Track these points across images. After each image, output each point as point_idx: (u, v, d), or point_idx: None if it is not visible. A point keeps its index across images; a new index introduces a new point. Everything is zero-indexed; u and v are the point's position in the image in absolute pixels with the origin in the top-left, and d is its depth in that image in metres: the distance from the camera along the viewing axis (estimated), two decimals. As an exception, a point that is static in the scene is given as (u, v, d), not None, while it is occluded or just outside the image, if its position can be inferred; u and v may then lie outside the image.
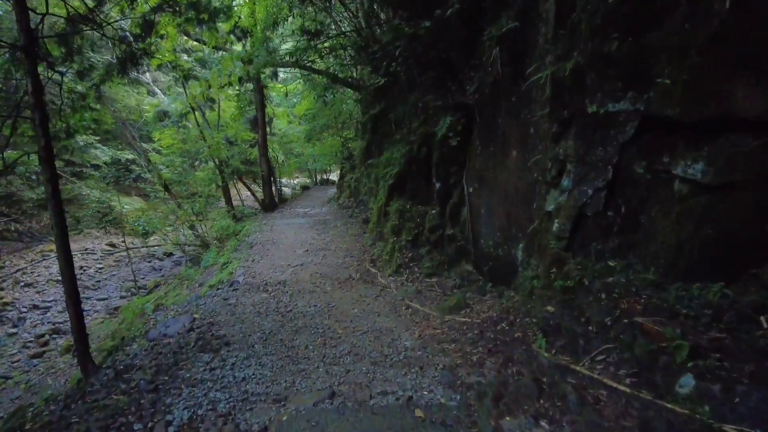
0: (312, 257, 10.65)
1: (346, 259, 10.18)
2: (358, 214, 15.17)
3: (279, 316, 6.77)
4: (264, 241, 12.91)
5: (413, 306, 6.66)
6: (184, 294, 12.41)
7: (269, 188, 18.81)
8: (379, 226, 10.57)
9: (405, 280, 7.87)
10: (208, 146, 16.96)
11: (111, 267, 19.36)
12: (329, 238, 12.62)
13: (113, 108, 16.51)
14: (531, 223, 5.95)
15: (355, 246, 11.37)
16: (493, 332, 5.25)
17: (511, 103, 6.20)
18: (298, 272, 9.52)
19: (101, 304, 16.28)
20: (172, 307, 8.65)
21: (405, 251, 8.36)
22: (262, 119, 18.45)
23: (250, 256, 11.48)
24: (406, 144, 8.98)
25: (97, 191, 19.33)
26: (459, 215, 7.46)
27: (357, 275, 8.90)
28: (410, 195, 8.96)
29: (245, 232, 14.60)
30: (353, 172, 17.92)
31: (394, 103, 10.62)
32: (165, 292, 14.60)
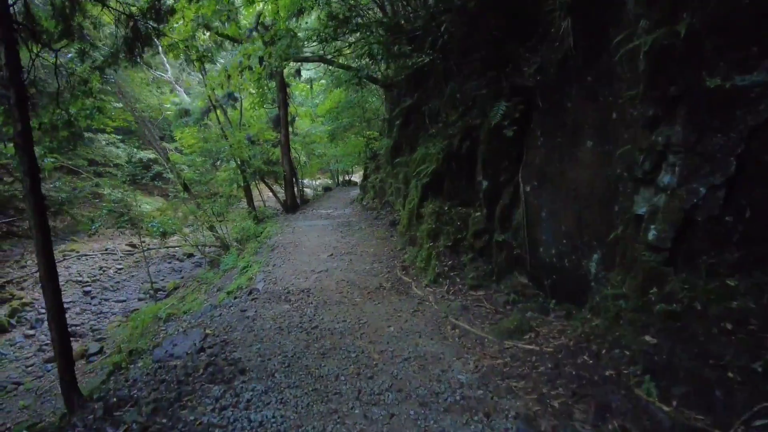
0: (337, 262, 9.54)
1: (375, 265, 9.04)
2: (383, 216, 14.03)
3: (303, 334, 5.64)
4: (286, 244, 11.85)
5: (461, 326, 5.47)
6: (200, 300, 11.41)
7: (291, 189, 17.79)
8: (411, 230, 9.40)
9: (445, 292, 6.67)
10: (229, 145, 16.00)
11: (131, 267, 18.55)
12: (354, 242, 11.50)
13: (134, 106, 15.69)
14: (611, 230, 4.73)
15: (382, 250, 10.23)
16: (573, 366, 4.04)
17: (585, 84, 4.98)
18: (323, 279, 8.40)
19: (119, 306, 15.45)
20: (184, 318, 7.63)
21: (444, 258, 7.18)
22: (285, 118, 17.46)
23: (271, 260, 10.42)
24: (444, 139, 7.82)
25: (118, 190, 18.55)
26: (511, 218, 6.25)
27: (388, 284, 7.75)
28: (448, 195, 7.79)
29: (266, 233, 13.57)
30: (378, 172, 16.80)
31: (427, 95, 9.46)
32: (183, 296, 13.65)
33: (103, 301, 15.86)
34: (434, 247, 7.47)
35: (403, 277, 7.92)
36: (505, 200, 6.28)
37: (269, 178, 20.24)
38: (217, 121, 17.10)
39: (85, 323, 14.26)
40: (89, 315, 14.93)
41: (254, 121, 18.86)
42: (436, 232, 7.56)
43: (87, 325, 14.12)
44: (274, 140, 18.55)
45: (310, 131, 21.15)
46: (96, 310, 15.26)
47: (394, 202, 13.50)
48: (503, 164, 6.35)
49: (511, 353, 4.61)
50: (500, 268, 6.32)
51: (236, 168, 16.97)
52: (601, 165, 4.84)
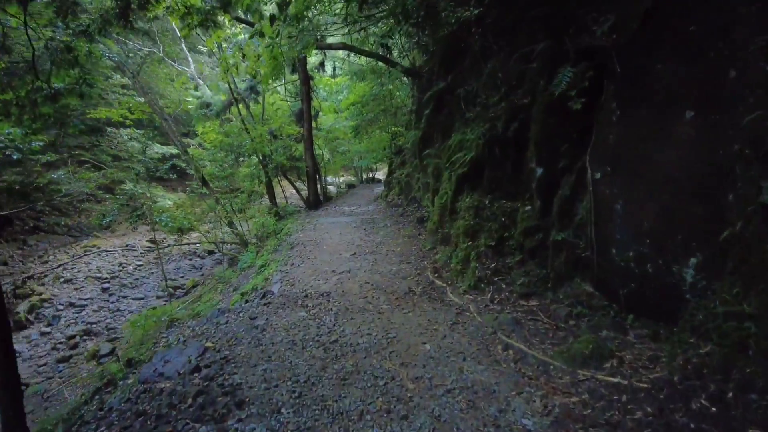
0: (360, 262, 8.44)
1: (402, 266, 7.92)
2: (409, 212, 12.89)
3: (320, 351, 4.55)
4: (306, 242, 10.82)
5: (514, 345, 4.30)
6: (215, 300, 10.48)
7: (314, 185, 16.79)
8: (443, 227, 8.24)
9: (489, 300, 5.50)
10: (251, 139, 15.08)
11: (151, 264, 17.83)
12: (379, 240, 10.39)
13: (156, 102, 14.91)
14: (720, 226, 3.50)
15: (410, 250, 9.09)
16: (688, 415, 2.84)
17: (685, 37, 3.75)
18: (345, 281, 7.32)
19: (137, 304, 14.69)
20: (189, 324, 6.66)
21: (485, 260, 5.99)
22: (308, 111, 16.45)
23: (290, 259, 9.40)
24: (485, 122, 6.63)
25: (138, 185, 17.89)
26: (572, 213, 5.03)
27: (418, 288, 6.61)
28: (489, 186, 6.60)
29: (287, 230, 12.57)
30: (403, 167, 15.65)
31: (462, 77, 8.27)
32: (200, 294, 12.76)
33: (121, 299, 15.15)
34: (473, 246, 6.30)
35: (436, 281, 6.77)
36: (565, 191, 5.06)
37: (292, 174, 19.33)
38: (238, 114, 16.21)
39: (101, 321, 13.53)
40: (106, 312, 14.20)
41: (277, 115, 17.95)
42: (474, 230, 6.39)
43: (103, 323, 13.38)
44: (296, 135, 17.59)
45: (334, 125, 20.11)
46: (113, 308, 14.53)
47: (422, 198, 12.35)
48: (562, 147, 5.14)
49: (588, 388, 3.41)
50: (558, 273, 5.10)
51: (257, 163, 16.07)
52: (706, 142, 3.60)
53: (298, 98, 17.78)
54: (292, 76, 17.79)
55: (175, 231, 12.44)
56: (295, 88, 18.66)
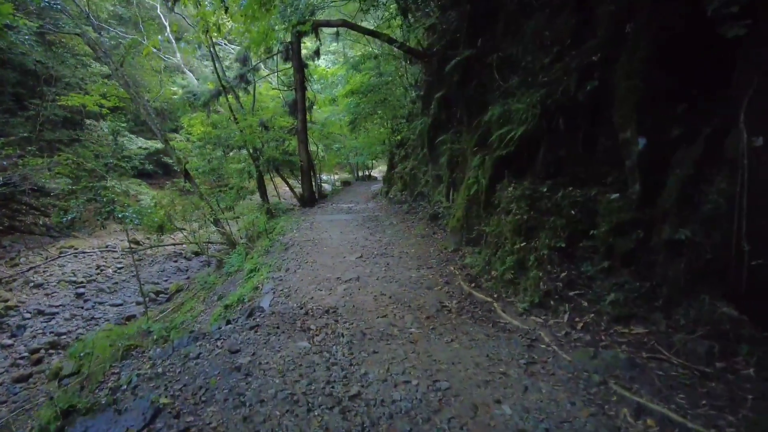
0: (370, 267, 6.69)
1: (423, 273, 6.19)
2: (417, 209, 11.15)
3: (336, 416, 2.76)
4: (303, 242, 9.01)
5: (650, 408, 2.57)
6: (196, 311, 8.64)
7: (309, 181, 14.96)
8: (471, 224, 6.52)
9: (569, 325, 3.77)
10: (240, 130, 13.22)
11: (132, 267, 15.88)
12: (387, 239, 8.64)
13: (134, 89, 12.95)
14: None
15: (427, 252, 7.36)
16: None
17: None
18: (354, 292, 5.56)
19: (114, 311, 12.76)
20: (150, 354, 4.86)
21: (551, 267, 4.26)
22: (302, 101, 14.64)
23: (285, 263, 7.60)
24: (539, 88, 4.91)
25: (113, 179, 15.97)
26: (697, 201, 3.33)
27: (453, 303, 4.89)
28: (546, 170, 4.88)
29: (280, 229, 10.76)
30: (406, 161, 13.93)
31: (494, 43, 6.56)
32: (182, 302, 10.88)
33: (97, 305, 13.17)
34: (529, 249, 4.57)
35: (475, 293, 5.04)
36: (686, 169, 3.36)
37: (284, 170, 17.47)
38: (227, 105, 14.33)
39: (72, 332, 11.54)
40: (79, 321, 12.21)
41: (269, 106, 16.08)
42: (530, 227, 4.66)
43: (74, 333, 11.40)
44: (289, 127, 15.75)
45: (329, 118, 18.26)
46: (87, 316, 12.55)
47: (432, 193, 10.62)
48: (678, 109, 3.43)
49: None
50: (673, 288, 3.40)
51: (247, 157, 14.22)
52: None
53: (291, 88, 15.95)
54: (285, 65, 15.94)
55: (154, 230, 10.60)
56: (287, 78, 16.83)
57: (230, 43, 20.13)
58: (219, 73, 13.99)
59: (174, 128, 22.80)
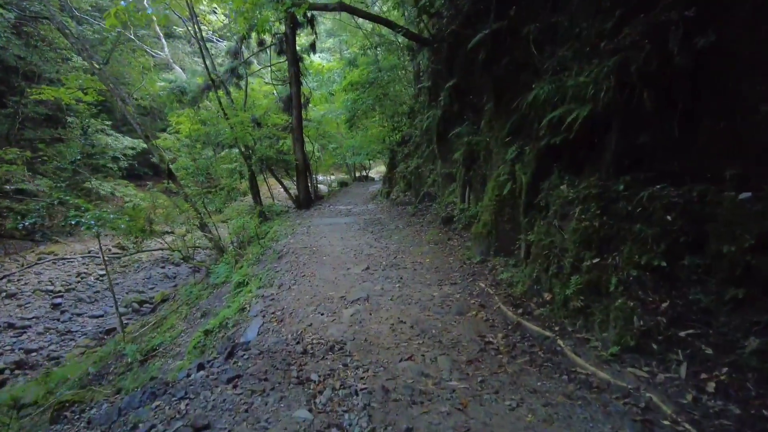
0: (381, 282, 5.38)
1: (447, 289, 4.89)
2: (424, 211, 9.84)
3: None
4: (299, 250, 7.67)
5: None
6: (177, 330, 7.27)
7: (305, 181, 13.59)
8: (503, 230, 5.24)
9: (696, 387, 2.47)
10: (230, 126, 11.84)
11: (116, 274, 14.40)
12: (395, 246, 7.32)
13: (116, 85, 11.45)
14: None
15: (446, 261, 6.06)
16: None
17: None
18: (365, 318, 4.25)
19: (93, 323, 11.32)
20: (87, 415, 3.53)
21: (646, 295, 2.97)
22: (297, 96, 13.28)
23: (278, 275, 6.26)
24: (608, 56, 3.61)
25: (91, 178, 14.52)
26: None
27: (498, 336, 3.60)
28: (618, 162, 3.59)
29: (273, 234, 9.40)
30: (409, 160, 12.62)
31: (529, 12, 5.26)
32: (164, 317, 9.45)
33: (75, 317, 11.71)
34: (606, 267, 3.28)
35: (526, 323, 3.74)
36: None
37: (279, 170, 16.09)
38: (217, 100, 12.93)
39: (44, 348, 10.07)
40: (52, 336, 10.74)
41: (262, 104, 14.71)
42: (604, 237, 3.37)
43: (46, 350, 9.95)
44: (283, 124, 14.37)
45: (326, 115, 16.87)
46: (63, 329, 11.09)
47: (441, 194, 9.31)
48: None
49: None
50: None
51: (239, 155, 12.84)
52: None
53: (285, 82, 14.57)
54: (279, 59, 14.57)
55: (134, 235, 9.23)
56: (282, 73, 15.48)
57: (221, 39, 18.71)
58: (208, 66, 12.59)
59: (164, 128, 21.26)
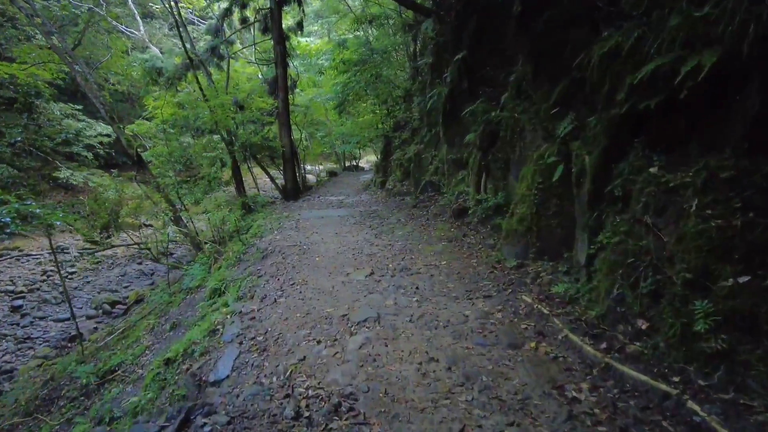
0: (391, 293, 4.06)
1: (482, 306, 3.60)
2: (427, 202, 8.51)
3: None
4: (286, 248, 6.30)
5: None
6: (142, 345, 5.87)
7: (292, 169, 12.14)
8: (552, 227, 3.97)
9: None
10: (209, 109, 10.33)
11: (87, 271, 12.81)
12: (401, 244, 6.00)
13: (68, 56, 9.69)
14: None
15: (469, 264, 4.77)
16: None
17: None
18: (380, 353, 2.94)
19: (58, 328, 9.77)
20: None
21: None
22: (284, 78, 11.79)
23: (260, 282, 4.91)
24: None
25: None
26: None
27: (584, 390, 2.35)
28: (753, 135, 2.33)
29: (256, 229, 8.00)
30: (405, 146, 11.27)
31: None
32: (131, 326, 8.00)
33: (37, 321, 10.12)
34: (760, 290, 2.01)
35: (619, 367, 2.47)
36: None
37: (264, 159, 14.56)
38: (196, 82, 11.36)
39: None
40: (9, 344, 9.18)
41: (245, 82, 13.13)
42: (754, 246, 2.11)
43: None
44: (269, 108, 12.85)
45: (314, 99, 15.34)
46: (22, 335, 9.51)
47: (447, 182, 8.00)
48: None
49: None
50: None
51: (219, 142, 11.33)
52: None
53: (270, 62, 13.01)
54: (264, 37, 12.99)
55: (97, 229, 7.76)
56: (267, 54, 13.89)
57: (203, 20, 16.95)
58: (185, 43, 11.00)
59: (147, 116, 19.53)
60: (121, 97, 20.10)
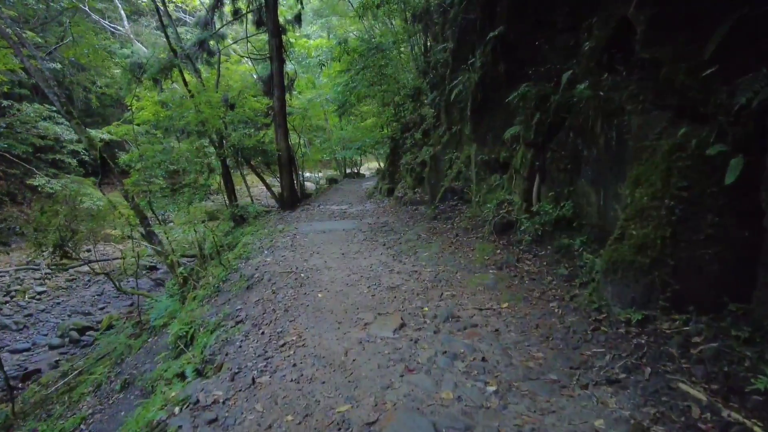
0: (445, 373, 2.38)
1: (616, 404, 1.97)
2: (450, 213, 6.80)
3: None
4: (278, 276, 4.59)
5: None
6: (77, 416, 4.14)
7: (289, 176, 10.45)
8: (709, 258, 2.31)
9: None
10: (194, 106, 8.66)
11: (60, 290, 11.00)
12: (431, 271, 4.31)
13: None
14: None
15: (547, 310, 3.11)
16: None
17: None
18: None
19: (14, 361, 7.98)
20: None
21: None
22: (280, 74, 10.15)
23: (236, 337, 3.18)
24: None
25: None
26: None
27: None
28: None
29: (243, 247, 6.30)
30: (415, 149, 9.62)
31: None
32: (81, 373, 6.21)
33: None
34: None
35: None
36: None
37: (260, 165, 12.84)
38: (181, 78, 9.68)
39: None
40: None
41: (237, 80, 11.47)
42: None
43: (-68, 407, 6.57)
44: (263, 109, 11.18)
45: (313, 100, 13.65)
46: (-33, 372, 7.62)
47: (476, 189, 6.31)
48: None
49: None
50: None
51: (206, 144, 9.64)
52: None
53: (265, 57, 11.34)
54: (258, 31, 11.35)
55: (48, 248, 6.08)
56: (263, 53, 12.25)
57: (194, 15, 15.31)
58: (166, 29, 9.34)
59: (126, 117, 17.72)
60: (110, 102, 18.41)
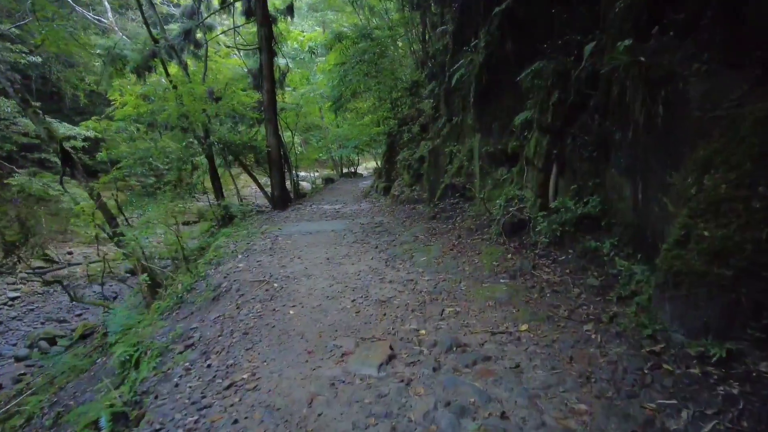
0: None
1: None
2: (450, 211, 6.00)
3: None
4: (247, 286, 3.82)
5: None
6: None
7: (280, 174, 9.68)
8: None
9: None
10: (177, 98, 7.92)
11: (36, 295, 10.21)
12: (429, 280, 3.56)
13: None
14: None
15: (581, 336, 2.35)
16: None
17: None
18: None
19: (-26, 373, 7.16)
20: None
21: None
22: (269, 66, 9.39)
23: (174, 372, 2.43)
24: None
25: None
26: None
27: None
28: None
29: (216, 249, 5.53)
30: (412, 144, 8.87)
31: None
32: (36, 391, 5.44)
33: (-50, 365, 7.57)
34: None
35: None
36: None
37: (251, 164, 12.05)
38: (162, 67, 8.94)
39: None
40: None
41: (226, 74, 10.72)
42: None
43: None
44: (253, 104, 10.43)
45: (307, 94, 12.85)
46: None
47: (480, 185, 5.54)
48: None
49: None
50: None
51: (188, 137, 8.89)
52: None
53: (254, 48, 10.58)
54: (248, 22, 10.60)
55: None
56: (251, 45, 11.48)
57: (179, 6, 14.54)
58: (147, 21, 8.60)
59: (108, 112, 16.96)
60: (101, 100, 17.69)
